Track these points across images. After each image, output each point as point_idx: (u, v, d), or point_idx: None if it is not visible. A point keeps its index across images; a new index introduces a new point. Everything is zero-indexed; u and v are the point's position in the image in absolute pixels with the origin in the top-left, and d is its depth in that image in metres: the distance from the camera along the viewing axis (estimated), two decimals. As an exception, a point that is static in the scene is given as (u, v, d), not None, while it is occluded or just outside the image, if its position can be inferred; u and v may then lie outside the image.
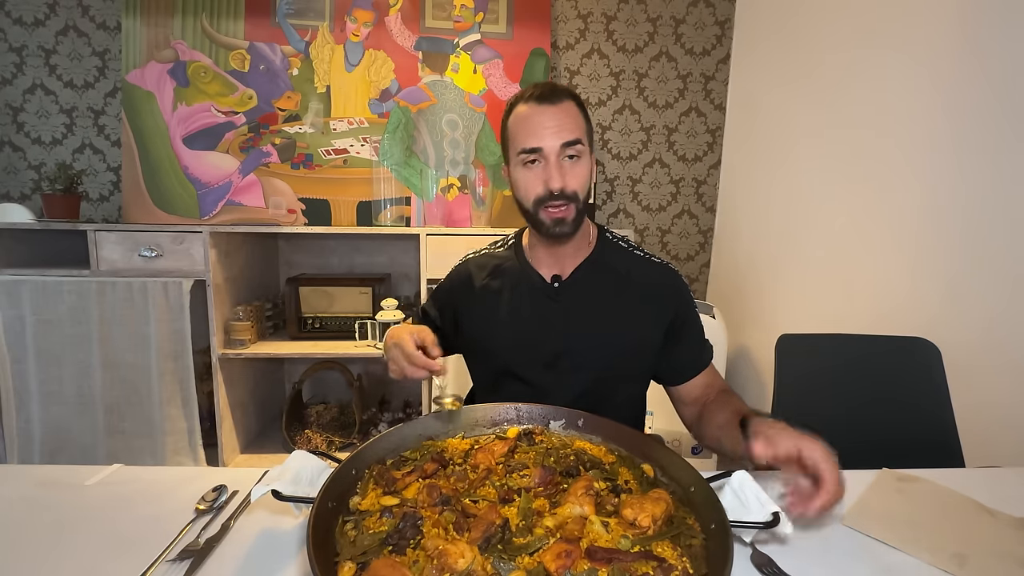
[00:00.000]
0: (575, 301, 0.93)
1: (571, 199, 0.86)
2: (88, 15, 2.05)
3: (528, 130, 0.85)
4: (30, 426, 1.80)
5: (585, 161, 0.87)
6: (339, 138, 2.05)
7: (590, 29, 2.21)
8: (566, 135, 0.84)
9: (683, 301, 0.96)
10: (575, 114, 0.87)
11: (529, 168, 0.86)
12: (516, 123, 0.88)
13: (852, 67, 1.56)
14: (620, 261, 0.97)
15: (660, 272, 0.97)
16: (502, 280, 0.97)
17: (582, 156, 0.86)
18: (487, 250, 1.05)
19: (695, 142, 2.32)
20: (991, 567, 0.60)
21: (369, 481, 0.66)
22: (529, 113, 0.86)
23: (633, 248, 1.00)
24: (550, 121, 0.84)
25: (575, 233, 0.90)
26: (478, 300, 0.98)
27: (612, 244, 0.99)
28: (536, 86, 0.88)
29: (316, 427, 2.10)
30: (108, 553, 0.60)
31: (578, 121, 0.87)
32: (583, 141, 0.86)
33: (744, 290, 2.15)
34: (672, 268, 0.98)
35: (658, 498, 0.61)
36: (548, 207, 0.86)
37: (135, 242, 1.77)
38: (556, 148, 0.84)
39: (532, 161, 0.86)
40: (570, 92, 0.88)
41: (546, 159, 0.85)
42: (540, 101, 0.86)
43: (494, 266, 0.99)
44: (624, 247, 0.99)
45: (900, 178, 1.38)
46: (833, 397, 1.14)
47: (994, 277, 1.15)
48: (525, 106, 0.87)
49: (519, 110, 0.87)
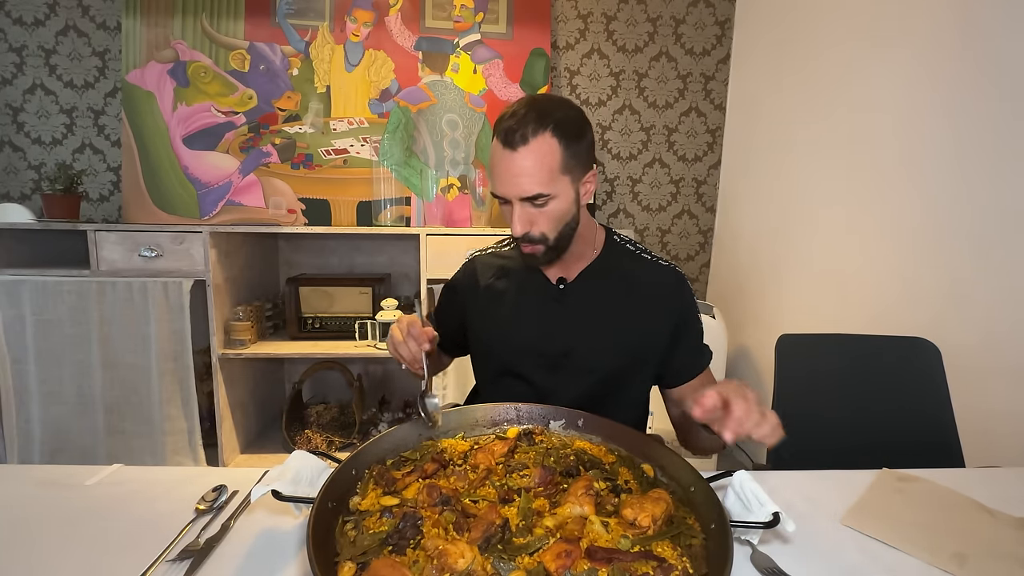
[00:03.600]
0: (580, 303, 0.93)
1: (538, 241, 0.85)
2: (88, 15, 2.05)
3: (495, 174, 0.83)
4: (30, 426, 1.80)
5: (558, 200, 0.83)
6: (339, 138, 2.05)
7: (590, 29, 2.21)
8: (527, 189, 0.80)
9: (687, 304, 0.96)
10: (544, 154, 0.79)
11: (502, 204, 0.86)
12: (490, 158, 0.85)
13: (852, 67, 1.56)
14: (627, 264, 0.96)
15: (666, 275, 0.97)
16: (508, 281, 0.97)
17: (549, 201, 0.82)
18: (493, 249, 1.05)
19: (695, 142, 2.32)
20: (991, 567, 0.60)
21: (369, 481, 0.66)
22: (496, 154, 0.82)
23: (640, 251, 0.99)
24: (513, 170, 0.80)
25: (552, 263, 0.91)
26: (483, 299, 0.98)
27: (619, 247, 0.99)
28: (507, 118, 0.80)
29: (316, 427, 2.10)
30: (108, 553, 0.60)
31: (546, 163, 0.80)
32: (547, 191, 0.81)
33: (744, 290, 2.15)
34: (679, 271, 0.98)
35: (658, 498, 0.61)
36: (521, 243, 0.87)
37: (135, 242, 1.77)
38: (518, 198, 0.82)
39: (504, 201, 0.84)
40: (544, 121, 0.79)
41: (511, 205, 0.83)
42: (504, 144, 0.80)
43: (499, 266, 1.00)
44: (631, 250, 0.99)
45: (900, 178, 1.38)
46: (833, 397, 1.14)
47: (994, 277, 1.15)
48: (496, 142, 0.82)
49: (493, 145, 0.84)
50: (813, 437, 1.10)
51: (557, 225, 0.85)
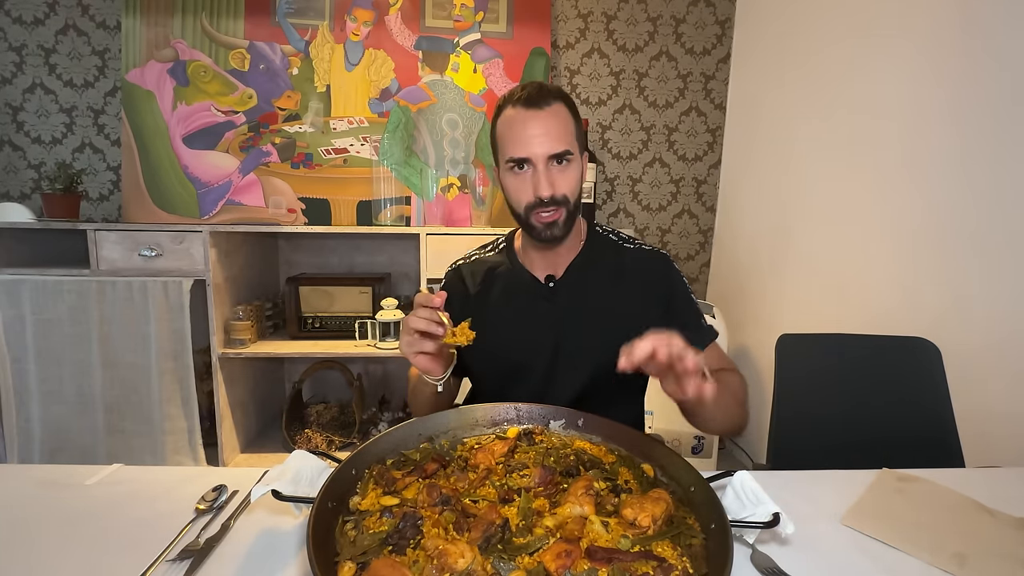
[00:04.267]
0: (570, 300, 0.93)
1: (561, 203, 0.85)
2: (88, 14, 2.05)
3: (515, 138, 0.84)
4: (30, 426, 1.80)
5: (575, 165, 0.86)
6: (339, 137, 2.05)
7: (590, 28, 2.21)
8: (554, 146, 0.83)
9: (675, 284, 0.95)
10: (564, 118, 0.85)
11: (517, 175, 0.86)
12: (504, 128, 0.86)
13: (852, 66, 1.55)
14: (611, 254, 0.96)
15: (650, 258, 0.97)
16: (496, 284, 0.97)
17: (572, 162, 0.85)
18: (476, 255, 1.04)
19: (695, 142, 2.31)
20: (991, 567, 0.60)
21: (369, 481, 0.66)
22: (516, 119, 0.84)
23: (623, 239, 0.99)
24: (537, 129, 0.82)
25: (567, 236, 0.90)
26: (473, 307, 0.96)
27: (602, 238, 0.99)
28: (524, 87, 0.85)
29: (316, 427, 2.10)
30: (108, 553, 0.60)
31: (567, 127, 0.85)
32: (572, 150, 0.85)
33: (744, 290, 2.15)
34: (662, 253, 0.98)
35: (658, 498, 0.61)
36: (539, 212, 0.86)
37: (135, 242, 1.77)
38: (544, 157, 0.83)
39: (520, 167, 0.85)
40: (559, 93, 0.86)
41: (534, 166, 0.84)
42: (527, 105, 0.83)
43: (486, 271, 0.99)
44: (614, 239, 0.99)
45: (901, 177, 1.38)
46: (833, 397, 1.14)
47: (995, 277, 1.15)
48: (513, 110, 0.85)
49: (507, 114, 0.86)
50: (813, 437, 1.10)
51: (574, 191, 0.87)
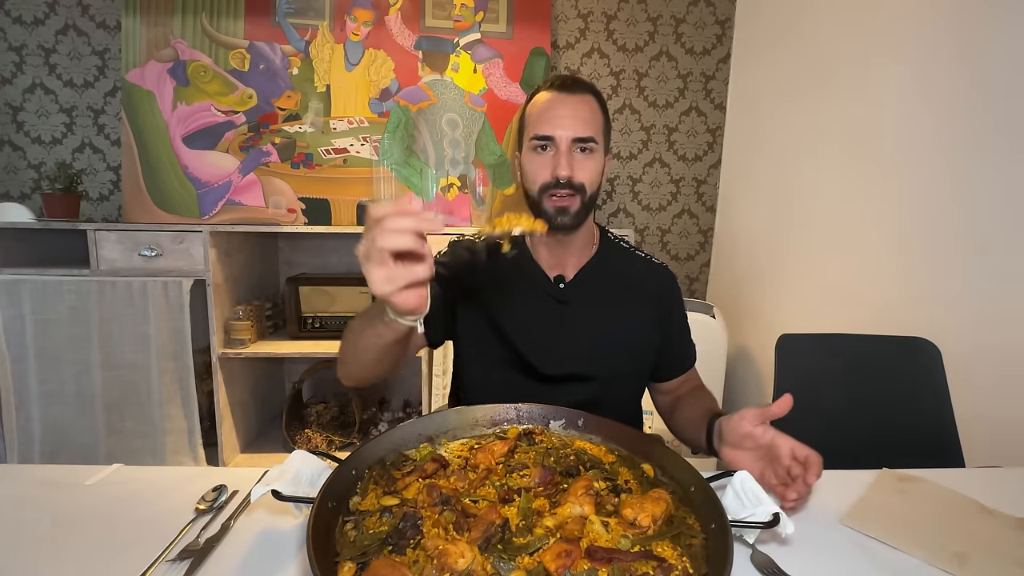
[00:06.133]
0: (582, 303, 0.93)
1: (577, 189, 0.86)
2: (88, 14, 2.05)
3: (544, 117, 0.86)
4: (30, 426, 1.80)
5: (597, 156, 0.88)
6: (339, 137, 2.04)
7: (590, 28, 2.21)
8: (580, 130, 0.85)
9: (676, 301, 1.00)
10: (593, 108, 0.88)
11: (539, 153, 0.87)
12: (534, 110, 0.88)
13: (852, 66, 1.55)
14: (623, 262, 0.98)
15: (659, 274, 1.00)
16: (505, 274, 0.95)
17: (594, 152, 0.87)
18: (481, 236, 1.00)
19: (695, 142, 2.31)
20: (991, 567, 0.60)
21: (369, 481, 0.66)
22: (548, 101, 0.87)
23: (634, 249, 1.01)
24: (566, 111, 0.85)
25: (577, 227, 0.89)
26: (481, 290, 0.93)
27: (615, 245, 1.00)
28: (559, 76, 0.89)
29: (316, 427, 2.10)
30: (108, 553, 0.60)
31: (595, 116, 0.87)
32: (597, 139, 0.86)
33: (744, 290, 2.15)
34: (669, 270, 1.01)
35: (658, 498, 0.61)
36: (553, 195, 0.85)
37: (135, 242, 1.77)
38: (568, 139, 0.84)
39: (544, 147, 0.86)
40: (592, 87, 0.89)
41: (557, 147, 0.85)
42: (560, 90, 0.87)
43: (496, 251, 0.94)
44: (626, 247, 1.01)
45: (901, 177, 1.38)
46: (833, 397, 1.14)
47: (995, 277, 1.15)
48: (546, 94, 0.88)
49: (539, 97, 0.89)
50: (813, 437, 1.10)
51: (594, 181, 0.88)
